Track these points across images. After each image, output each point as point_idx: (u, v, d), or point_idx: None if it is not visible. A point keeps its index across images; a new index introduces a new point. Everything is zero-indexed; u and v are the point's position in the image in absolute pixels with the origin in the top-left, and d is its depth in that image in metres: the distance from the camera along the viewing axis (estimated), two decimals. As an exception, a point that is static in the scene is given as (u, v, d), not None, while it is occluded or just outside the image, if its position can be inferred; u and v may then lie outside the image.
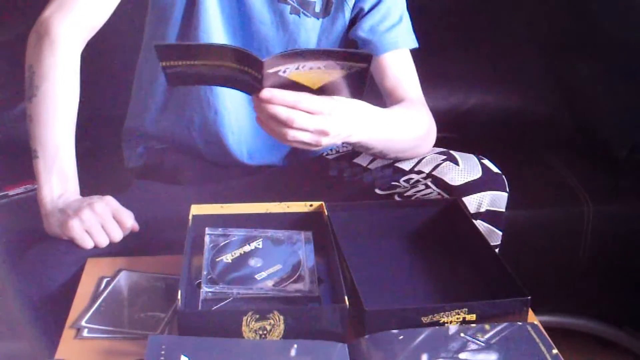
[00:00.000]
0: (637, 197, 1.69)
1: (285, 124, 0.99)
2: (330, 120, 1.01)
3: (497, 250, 1.20)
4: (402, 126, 1.19)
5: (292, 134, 1.00)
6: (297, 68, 0.94)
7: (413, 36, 1.32)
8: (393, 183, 1.20)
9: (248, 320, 0.84)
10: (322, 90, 0.99)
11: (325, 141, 1.03)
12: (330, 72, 0.96)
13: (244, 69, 0.96)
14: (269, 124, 1.01)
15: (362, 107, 1.09)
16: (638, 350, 1.75)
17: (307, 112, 0.99)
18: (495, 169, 1.19)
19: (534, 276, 1.26)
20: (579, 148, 1.89)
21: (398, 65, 1.28)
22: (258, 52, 1.27)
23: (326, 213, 1.06)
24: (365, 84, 0.97)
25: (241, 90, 1.04)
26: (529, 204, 1.63)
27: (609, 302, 1.75)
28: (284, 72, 0.94)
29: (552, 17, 1.96)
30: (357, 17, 1.28)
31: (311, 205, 1.09)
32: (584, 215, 1.65)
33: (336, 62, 0.96)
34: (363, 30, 1.27)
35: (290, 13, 1.25)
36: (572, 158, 1.86)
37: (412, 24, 1.32)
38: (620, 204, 1.71)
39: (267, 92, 0.98)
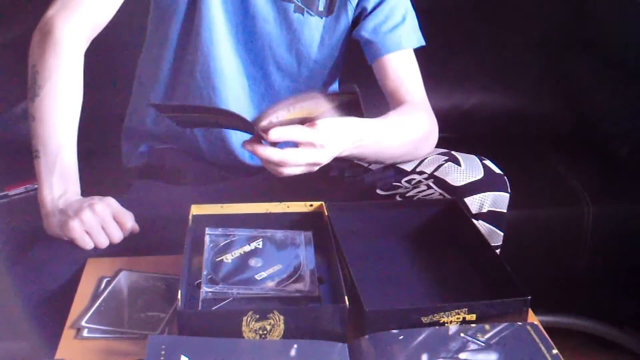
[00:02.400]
0: (637, 197, 1.69)
1: (279, 165, 1.01)
2: (321, 152, 1.02)
3: (498, 251, 1.20)
4: (396, 135, 1.17)
5: (287, 172, 1.03)
6: (288, 110, 0.96)
7: (418, 34, 1.31)
8: (394, 184, 1.20)
9: (248, 320, 0.84)
10: (320, 116, 1.01)
11: (317, 168, 1.05)
12: (321, 105, 0.98)
13: (237, 122, 1.00)
14: (264, 163, 1.03)
15: (351, 125, 1.08)
16: (638, 350, 1.75)
17: (300, 145, 1.01)
18: (497, 170, 1.19)
19: (534, 276, 1.26)
20: (579, 148, 1.89)
21: (400, 66, 1.28)
22: (261, 51, 1.27)
23: (326, 213, 1.06)
24: (362, 110, 0.98)
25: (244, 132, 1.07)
26: (529, 204, 1.63)
27: (609, 302, 1.75)
28: (277, 118, 0.97)
29: (552, 17, 1.96)
30: (360, 16, 1.28)
31: (311, 205, 1.09)
32: (584, 215, 1.65)
33: (324, 99, 0.98)
34: (366, 30, 1.27)
35: (294, 11, 1.24)
36: (572, 158, 1.86)
37: (413, 24, 1.32)
38: (620, 204, 1.71)
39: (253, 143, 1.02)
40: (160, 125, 1.32)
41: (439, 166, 1.17)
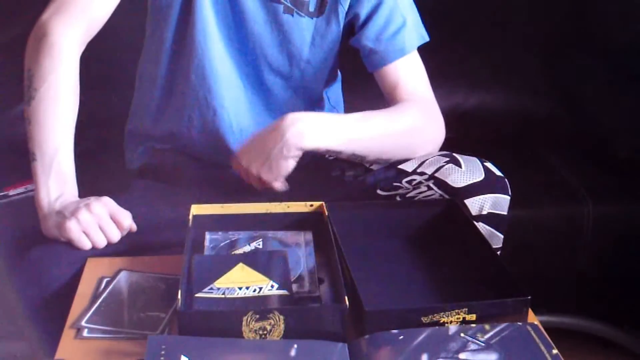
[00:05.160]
0: (637, 197, 1.69)
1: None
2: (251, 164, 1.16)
3: (498, 253, 1.20)
4: (373, 129, 1.19)
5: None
6: None
7: (421, 31, 1.30)
8: (395, 184, 1.20)
9: (248, 320, 0.84)
10: None
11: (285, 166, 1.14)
12: None
13: None
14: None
15: (299, 117, 1.15)
16: (638, 350, 1.75)
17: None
18: (497, 172, 1.18)
19: (534, 276, 1.26)
20: (579, 148, 1.89)
21: (404, 71, 1.27)
22: (253, 52, 1.27)
23: (326, 213, 1.06)
24: None
25: None
26: (529, 204, 1.63)
27: (609, 302, 1.75)
28: None
29: (552, 17, 1.96)
30: (355, 23, 1.27)
31: (311, 205, 1.09)
32: (584, 215, 1.65)
33: None
34: (368, 39, 1.26)
35: (284, 12, 1.24)
36: (572, 158, 1.86)
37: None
38: (620, 204, 1.71)
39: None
40: (160, 126, 1.32)
41: (440, 167, 1.17)
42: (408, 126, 1.22)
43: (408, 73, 1.28)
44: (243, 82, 1.29)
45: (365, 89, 1.34)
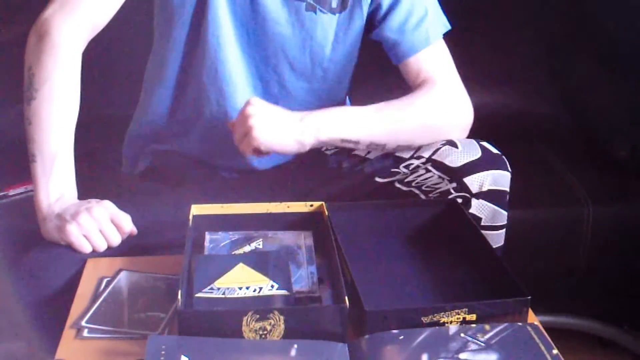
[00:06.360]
0: (637, 197, 1.69)
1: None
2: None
3: (503, 231, 1.19)
4: (391, 120, 1.18)
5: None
6: None
7: (443, 19, 1.29)
8: (393, 170, 1.20)
9: (248, 320, 0.84)
10: None
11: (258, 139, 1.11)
12: None
13: None
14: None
15: (316, 112, 1.15)
16: (638, 350, 1.75)
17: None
18: (495, 150, 1.18)
19: (534, 276, 1.26)
20: (579, 148, 1.89)
21: (430, 60, 1.26)
22: (274, 53, 1.25)
23: (326, 213, 1.06)
24: None
25: None
26: (529, 203, 1.63)
27: (609, 302, 1.75)
28: None
29: (552, 17, 1.96)
30: (376, 15, 1.25)
31: (311, 205, 1.09)
32: (584, 215, 1.65)
33: None
34: (391, 30, 1.24)
35: (306, 10, 1.22)
36: (572, 158, 1.85)
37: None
38: (620, 204, 1.71)
39: None
40: (170, 128, 1.30)
41: (437, 150, 1.17)
42: (427, 112, 1.21)
43: (434, 62, 1.26)
44: (262, 84, 1.27)
45: (371, 88, 1.34)
